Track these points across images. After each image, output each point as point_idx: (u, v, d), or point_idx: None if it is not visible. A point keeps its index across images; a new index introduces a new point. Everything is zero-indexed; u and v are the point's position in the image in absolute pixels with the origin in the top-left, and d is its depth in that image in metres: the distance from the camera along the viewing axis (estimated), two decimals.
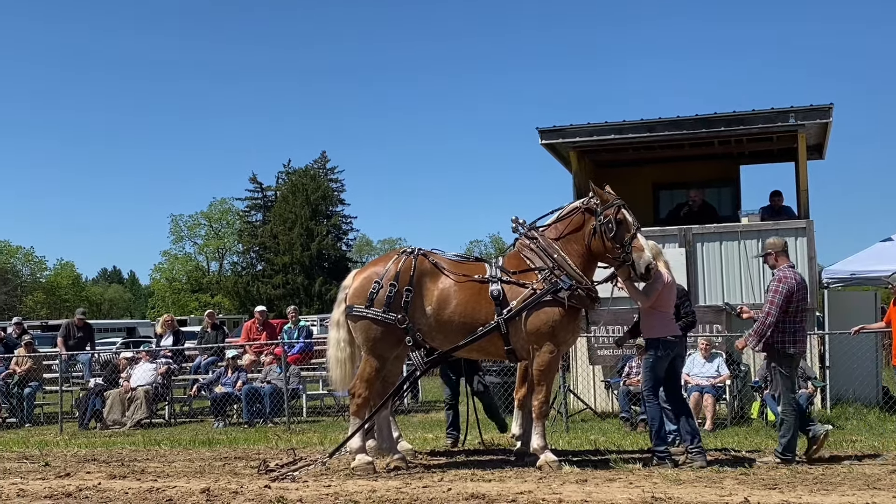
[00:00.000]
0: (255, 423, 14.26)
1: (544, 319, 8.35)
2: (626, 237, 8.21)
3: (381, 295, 8.70)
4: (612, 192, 8.50)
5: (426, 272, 8.77)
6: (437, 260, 8.89)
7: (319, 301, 60.40)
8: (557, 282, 8.33)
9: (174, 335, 17.26)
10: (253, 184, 70.51)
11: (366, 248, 79.67)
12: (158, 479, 8.77)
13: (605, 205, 8.37)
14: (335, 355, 9.12)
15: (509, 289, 8.54)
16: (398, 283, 8.66)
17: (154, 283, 79.12)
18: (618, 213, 8.28)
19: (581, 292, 8.37)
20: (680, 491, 7.12)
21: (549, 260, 8.50)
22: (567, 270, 8.38)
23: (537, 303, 8.35)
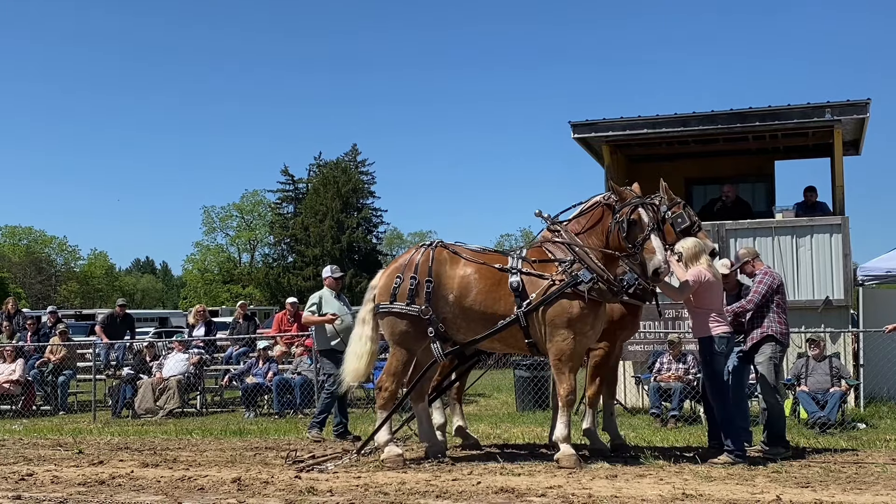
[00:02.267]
0: (285, 413, 14.33)
1: (559, 311, 8.27)
2: (639, 238, 8.06)
3: (403, 288, 8.77)
4: (635, 191, 8.39)
5: (445, 261, 8.79)
6: (456, 249, 8.90)
7: (350, 293, 60.35)
8: (577, 275, 8.23)
9: (206, 326, 17.38)
10: (284, 176, 70.82)
11: (396, 241, 79.75)
12: (190, 467, 8.85)
13: (623, 203, 8.26)
14: (354, 350, 9.21)
15: (529, 281, 8.48)
16: (418, 275, 8.71)
17: (186, 273, 79.76)
18: (632, 213, 8.15)
19: (601, 286, 8.22)
20: (711, 488, 7.08)
21: (571, 253, 8.44)
22: (588, 263, 8.29)
23: (557, 295, 8.27)
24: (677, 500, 6.69)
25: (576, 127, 14.61)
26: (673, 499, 6.74)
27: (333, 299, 11.26)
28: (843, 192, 13.70)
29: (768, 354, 8.92)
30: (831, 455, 8.89)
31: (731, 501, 6.61)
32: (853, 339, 13.54)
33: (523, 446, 9.93)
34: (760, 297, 8.89)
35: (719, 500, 6.65)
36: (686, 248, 8.48)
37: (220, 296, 68.36)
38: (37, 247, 75.70)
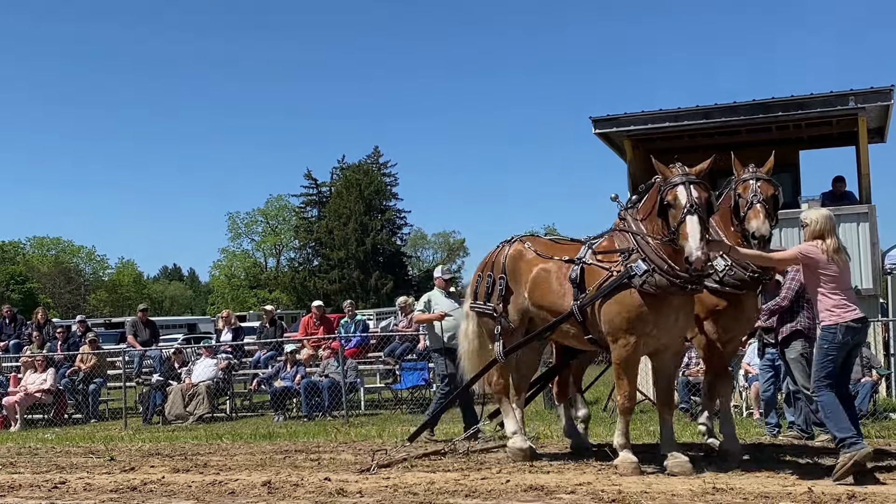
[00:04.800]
0: (314, 416, 14.37)
1: (617, 308, 7.53)
2: (674, 222, 7.19)
3: (483, 286, 8.82)
4: (680, 169, 7.44)
5: (518, 257, 8.56)
6: (532, 244, 8.61)
7: (375, 295, 60.75)
8: (631, 267, 7.44)
9: (234, 331, 17.47)
10: (308, 180, 71.22)
11: (420, 241, 79.82)
12: (221, 472, 8.89)
13: (665, 183, 7.41)
14: (464, 346, 9.35)
15: (591, 273, 7.83)
16: (493, 273, 8.69)
17: (213, 279, 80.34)
18: (668, 194, 7.28)
19: (659, 277, 7.28)
20: (742, 481, 7.02)
21: (631, 241, 7.64)
22: (646, 253, 7.42)
23: (611, 290, 7.56)
24: (707, 495, 6.64)
25: (597, 122, 14.57)
26: (703, 493, 6.69)
27: (443, 298, 11.23)
28: (869, 180, 13.56)
29: (799, 350, 9.09)
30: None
31: (762, 494, 6.55)
32: (883, 329, 13.40)
33: (552, 444, 9.90)
34: (793, 293, 8.94)
35: (750, 494, 6.59)
36: (812, 220, 7.30)
37: (248, 301, 68.73)
38: (65, 257, 76.49)
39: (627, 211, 7.91)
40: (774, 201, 7.74)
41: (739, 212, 7.68)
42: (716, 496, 6.60)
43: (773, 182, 7.79)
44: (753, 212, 7.52)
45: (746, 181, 7.72)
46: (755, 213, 7.51)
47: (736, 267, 7.73)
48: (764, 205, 7.54)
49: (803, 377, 9.35)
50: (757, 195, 7.57)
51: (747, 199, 7.62)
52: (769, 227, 7.47)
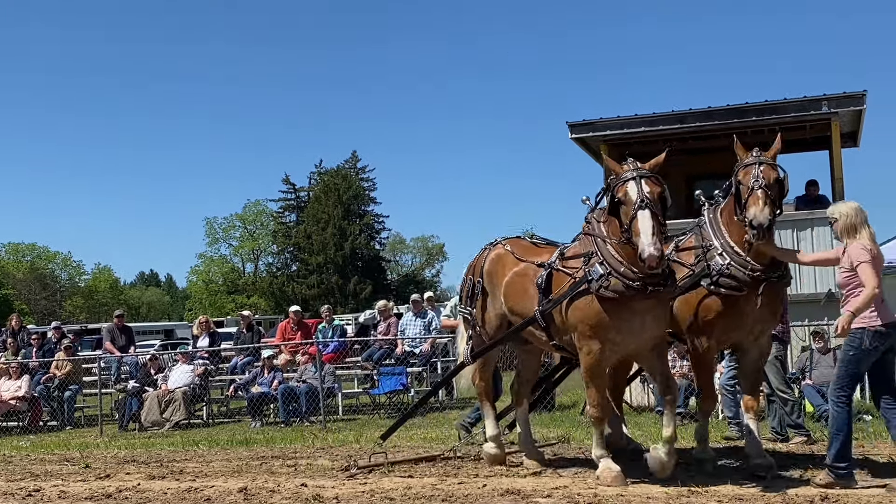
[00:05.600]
0: (291, 422, 14.33)
1: (578, 315, 7.19)
2: (625, 219, 6.85)
3: (465, 290, 8.77)
4: (632, 164, 7.13)
5: (497, 261, 8.31)
6: (512, 246, 8.30)
7: (354, 300, 60.68)
8: (589, 271, 7.10)
9: (210, 336, 17.40)
10: (286, 185, 71.16)
11: (399, 246, 79.79)
12: (197, 479, 8.85)
13: (615, 179, 7.08)
14: (459, 348, 9.28)
15: (557, 278, 7.51)
16: (473, 276, 8.56)
17: (191, 285, 79.92)
18: (618, 190, 6.96)
19: (615, 280, 6.93)
20: (718, 485, 7.07)
21: (592, 244, 7.30)
22: (603, 256, 7.10)
23: (571, 295, 7.21)
24: (683, 498, 6.69)
25: (573, 127, 14.62)
26: (679, 496, 6.73)
27: None
28: (842, 184, 13.67)
29: (773, 353, 9.03)
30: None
31: (737, 497, 6.61)
32: None
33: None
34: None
35: (725, 496, 6.64)
36: (842, 213, 6.89)
37: (225, 306, 68.43)
38: (41, 263, 75.82)
39: (593, 213, 7.55)
40: (779, 187, 7.21)
41: (741, 199, 7.19)
42: (691, 499, 6.65)
43: (777, 166, 7.30)
44: (753, 198, 7.03)
45: (748, 166, 7.27)
46: (754, 200, 7.01)
47: (733, 266, 7.24)
48: (766, 191, 7.03)
49: (778, 379, 9.49)
50: (759, 180, 7.08)
51: (748, 185, 7.13)
52: (768, 214, 6.95)
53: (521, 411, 8.77)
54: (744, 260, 7.21)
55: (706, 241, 7.47)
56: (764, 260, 7.24)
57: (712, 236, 7.44)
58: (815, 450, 8.89)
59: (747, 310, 7.28)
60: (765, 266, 7.23)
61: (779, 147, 7.49)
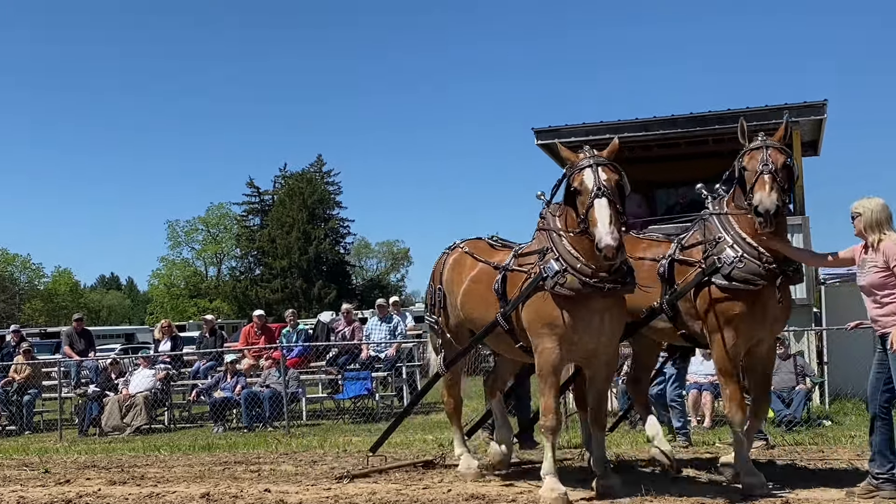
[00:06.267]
0: (254, 427, 14.25)
1: (532, 316, 6.88)
2: (582, 208, 6.49)
3: (428, 297, 8.54)
4: (588, 152, 6.79)
5: (455, 266, 8.03)
6: (471, 248, 7.96)
7: (318, 304, 60.41)
8: (544, 268, 6.75)
9: (172, 340, 17.26)
10: (250, 188, 70.67)
11: (364, 250, 79.63)
12: (158, 484, 8.78)
13: (571, 168, 6.73)
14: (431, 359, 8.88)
15: (512, 279, 7.23)
16: (434, 283, 8.28)
17: (152, 289, 79.07)
18: (574, 179, 6.61)
19: (571, 277, 6.57)
20: (680, 488, 7.13)
21: (547, 240, 6.97)
22: (559, 251, 6.75)
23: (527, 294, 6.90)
24: (647, 502, 6.74)
25: (539, 133, 14.71)
26: (642, 502, 6.79)
27: None
28: (803, 192, 13.87)
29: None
30: (797, 452, 8.99)
31: (698, 503, 6.67)
32: (817, 338, 13.71)
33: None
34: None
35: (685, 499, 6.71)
36: (866, 208, 6.52)
37: (187, 310, 67.84)
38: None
39: (548, 208, 7.18)
40: (787, 172, 6.73)
41: (746, 186, 6.73)
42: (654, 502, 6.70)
43: (784, 150, 6.85)
44: (760, 182, 6.56)
45: (753, 150, 6.84)
46: (761, 184, 6.54)
47: (747, 258, 6.70)
48: (773, 175, 6.57)
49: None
50: (767, 164, 6.61)
51: (754, 170, 6.68)
52: (776, 200, 6.44)
53: (496, 402, 8.52)
54: (757, 251, 6.71)
55: (713, 234, 6.98)
56: (779, 252, 6.77)
57: (720, 229, 6.94)
58: (774, 454, 9.01)
59: (768, 306, 6.77)
60: (780, 258, 6.75)
61: (783, 132, 7.05)
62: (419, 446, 10.62)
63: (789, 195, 6.67)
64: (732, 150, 16.55)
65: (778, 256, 6.73)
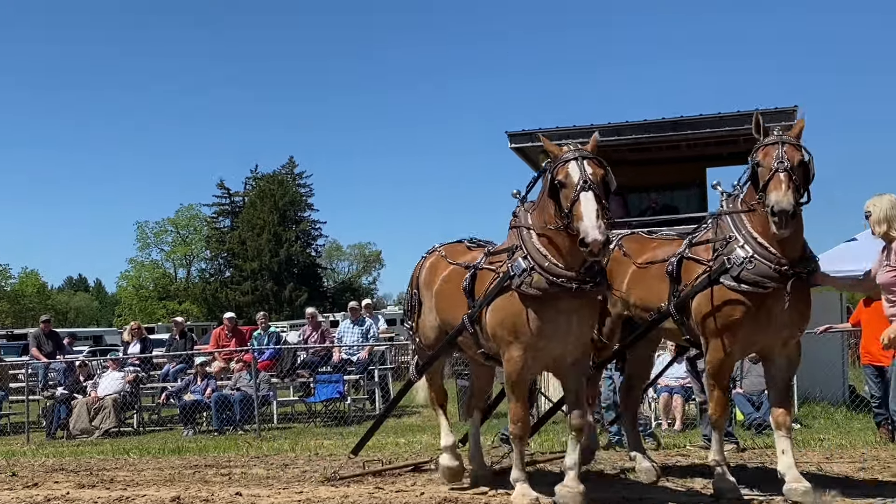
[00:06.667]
0: (225, 430, 14.17)
1: (498, 318, 6.54)
2: (566, 202, 6.12)
3: (406, 303, 8.24)
4: (573, 146, 6.43)
5: (430, 270, 7.72)
6: (447, 251, 7.65)
7: (289, 307, 60.22)
8: (511, 266, 6.46)
9: (142, 343, 17.13)
10: (220, 189, 70.31)
11: (335, 253, 79.43)
12: (128, 487, 8.69)
13: (555, 161, 6.34)
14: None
15: (480, 278, 6.89)
16: (411, 288, 7.98)
17: (121, 290, 78.37)
18: (559, 172, 6.24)
19: (538, 276, 6.29)
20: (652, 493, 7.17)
21: (517, 237, 6.65)
22: (527, 249, 6.45)
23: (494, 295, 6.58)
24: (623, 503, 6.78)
25: (512, 137, 14.76)
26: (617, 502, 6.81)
27: None
28: None
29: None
30: (768, 455, 9.05)
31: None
32: None
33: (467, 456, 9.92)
34: None
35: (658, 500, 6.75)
36: (876, 205, 6.52)
37: (156, 312, 67.35)
38: None
39: (522, 205, 6.87)
40: (804, 171, 6.28)
41: (759, 184, 6.31)
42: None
43: (802, 147, 6.39)
44: (775, 181, 6.12)
45: (768, 146, 6.40)
46: (776, 184, 6.09)
47: (757, 259, 6.31)
48: (790, 174, 6.12)
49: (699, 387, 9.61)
50: (783, 161, 6.18)
51: (769, 167, 6.23)
52: (792, 199, 6.00)
53: (472, 422, 8.09)
54: (769, 252, 6.30)
55: (724, 233, 6.60)
56: (793, 253, 6.34)
57: (732, 228, 6.55)
58: (745, 457, 9.07)
59: (775, 310, 6.35)
60: (793, 259, 6.33)
61: (802, 126, 6.60)
62: (391, 449, 10.60)
63: (805, 194, 6.25)
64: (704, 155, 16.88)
65: (792, 257, 6.30)
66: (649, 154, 15.57)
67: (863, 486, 7.16)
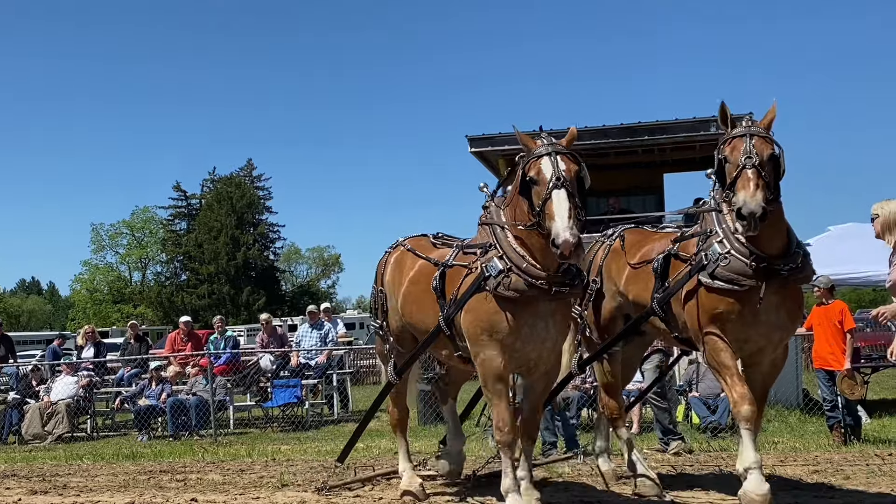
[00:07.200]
0: (180, 435, 14.02)
1: (471, 319, 6.23)
2: (538, 200, 5.81)
3: (371, 301, 7.82)
4: (546, 139, 6.08)
5: (395, 266, 7.34)
6: (413, 245, 7.32)
7: (247, 311, 59.81)
8: (486, 266, 6.15)
9: (96, 347, 16.91)
10: (177, 192, 69.68)
11: (294, 256, 79.07)
12: (81, 493, 8.59)
13: (528, 155, 6.02)
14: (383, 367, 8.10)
15: (452, 275, 6.56)
16: (376, 284, 7.58)
17: (74, 294, 77.34)
18: (531, 167, 5.92)
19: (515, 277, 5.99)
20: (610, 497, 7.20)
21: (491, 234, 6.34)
22: (503, 248, 6.16)
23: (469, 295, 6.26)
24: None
25: (473, 141, 14.79)
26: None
27: None
28: None
29: (655, 363, 9.49)
30: (723, 458, 9.15)
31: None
32: None
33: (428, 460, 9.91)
34: None
35: None
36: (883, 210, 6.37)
37: (111, 316, 66.53)
38: None
39: (492, 200, 6.62)
40: (774, 165, 5.78)
41: (726, 181, 5.84)
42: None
43: (772, 140, 5.88)
44: (743, 179, 5.62)
45: (735, 139, 5.89)
46: (744, 182, 5.60)
47: (733, 255, 5.95)
48: (758, 170, 5.63)
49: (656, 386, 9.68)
50: (751, 156, 5.68)
51: (736, 163, 5.74)
52: (761, 200, 5.53)
53: (447, 408, 7.91)
54: (746, 248, 5.92)
55: (708, 227, 6.26)
56: (773, 248, 5.93)
57: (714, 222, 6.19)
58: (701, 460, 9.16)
59: (761, 309, 5.95)
60: (773, 255, 5.92)
61: (773, 115, 6.08)
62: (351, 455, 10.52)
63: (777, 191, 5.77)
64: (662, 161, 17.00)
65: (771, 253, 5.90)
66: (608, 159, 15.69)
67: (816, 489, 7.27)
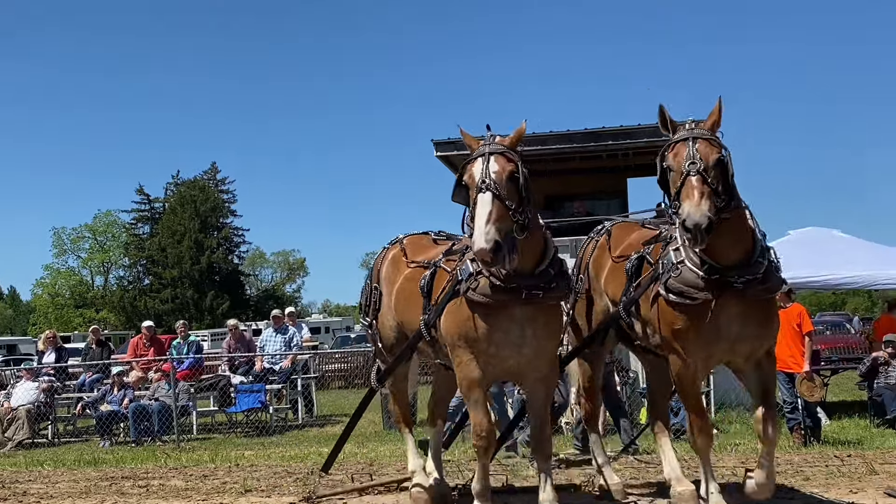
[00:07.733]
0: (143, 441, 13.91)
1: (446, 324, 5.96)
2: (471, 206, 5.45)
3: (363, 298, 7.40)
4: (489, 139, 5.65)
5: (392, 263, 7.02)
6: (412, 243, 7.03)
7: (210, 315, 59.40)
8: (460, 270, 5.89)
9: (57, 352, 16.75)
10: (140, 195, 69.11)
11: (259, 260, 78.67)
12: (42, 500, 8.52)
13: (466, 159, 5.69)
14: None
15: (438, 279, 6.24)
16: (371, 282, 7.22)
17: (36, 298, 76.45)
18: (465, 172, 5.59)
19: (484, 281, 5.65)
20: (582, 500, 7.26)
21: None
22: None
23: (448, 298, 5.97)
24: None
25: (438, 145, 14.83)
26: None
27: None
28: None
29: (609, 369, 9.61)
30: (685, 461, 9.22)
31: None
32: None
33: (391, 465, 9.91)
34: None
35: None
36: None
37: (73, 321, 65.80)
38: None
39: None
40: (721, 170, 5.32)
41: (670, 189, 5.43)
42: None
43: (717, 142, 5.43)
44: (687, 189, 5.20)
45: (678, 144, 5.46)
46: (688, 191, 5.18)
47: (685, 265, 5.59)
48: (703, 177, 5.20)
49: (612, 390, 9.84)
50: (695, 162, 5.25)
51: (680, 170, 5.31)
52: (707, 211, 5.11)
53: (434, 433, 7.37)
54: (699, 258, 5.53)
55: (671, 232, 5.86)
56: (728, 259, 5.53)
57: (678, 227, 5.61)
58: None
59: (721, 322, 5.56)
60: (729, 265, 5.52)
61: (717, 116, 5.59)
62: (314, 459, 10.50)
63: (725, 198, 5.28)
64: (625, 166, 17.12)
65: (727, 264, 5.50)
66: (573, 164, 15.80)
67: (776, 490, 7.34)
